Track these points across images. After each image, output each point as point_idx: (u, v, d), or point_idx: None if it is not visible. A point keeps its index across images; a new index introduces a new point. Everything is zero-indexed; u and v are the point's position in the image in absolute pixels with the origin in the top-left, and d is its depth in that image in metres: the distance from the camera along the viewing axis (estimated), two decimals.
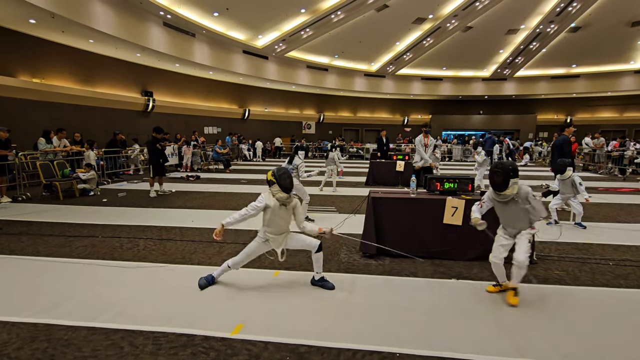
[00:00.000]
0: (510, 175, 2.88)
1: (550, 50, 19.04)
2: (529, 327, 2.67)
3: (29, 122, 10.14)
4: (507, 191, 2.92)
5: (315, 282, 3.37)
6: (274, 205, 3.16)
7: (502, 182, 2.90)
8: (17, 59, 10.94)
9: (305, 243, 3.30)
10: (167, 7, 12.46)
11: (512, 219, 3.04)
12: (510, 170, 2.88)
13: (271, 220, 3.20)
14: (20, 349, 2.36)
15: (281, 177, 3.15)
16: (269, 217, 3.19)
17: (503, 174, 2.89)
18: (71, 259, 4.00)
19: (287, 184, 3.16)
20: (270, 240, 3.24)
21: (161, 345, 2.41)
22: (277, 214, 3.19)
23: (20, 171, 7.88)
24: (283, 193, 3.15)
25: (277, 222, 3.21)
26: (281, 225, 3.24)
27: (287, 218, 3.28)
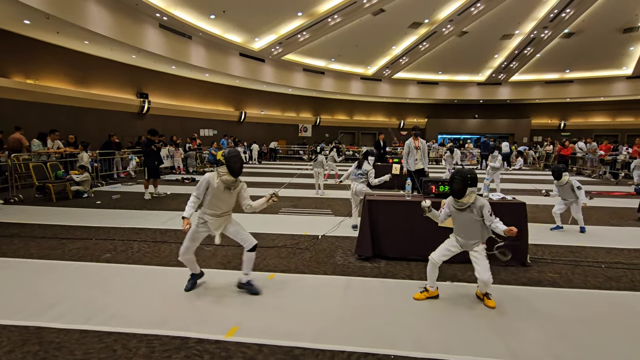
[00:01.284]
0: (467, 183, 2.89)
1: (544, 55, 19.28)
2: (522, 330, 2.69)
3: (22, 124, 10.01)
4: (464, 199, 2.93)
5: (241, 285, 3.22)
6: (217, 186, 3.04)
7: (459, 189, 2.92)
8: (11, 60, 10.84)
9: (242, 238, 3.16)
10: (163, 9, 12.45)
11: (464, 229, 3.02)
12: (468, 178, 2.89)
13: (210, 202, 3.07)
14: (11, 352, 2.33)
15: (231, 160, 3.03)
16: (209, 198, 3.06)
17: (461, 182, 2.91)
18: (64, 262, 3.96)
19: (236, 167, 3.05)
20: (209, 223, 3.10)
21: (154, 348, 2.39)
22: (218, 196, 3.06)
23: (13, 173, 7.79)
24: (230, 176, 3.05)
25: (217, 204, 3.08)
26: (221, 208, 3.10)
27: (229, 201, 3.15)
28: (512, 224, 3.91)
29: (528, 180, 12.10)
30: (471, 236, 2.99)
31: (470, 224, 2.97)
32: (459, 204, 2.97)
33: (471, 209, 2.93)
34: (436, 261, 3.07)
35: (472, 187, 2.91)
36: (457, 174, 2.96)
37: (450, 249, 3.09)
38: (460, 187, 2.91)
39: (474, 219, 2.94)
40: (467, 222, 2.98)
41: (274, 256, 4.23)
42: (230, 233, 3.20)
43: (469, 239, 2.99)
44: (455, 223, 3.10)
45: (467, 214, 2.96)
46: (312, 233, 5.16)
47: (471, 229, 2.98)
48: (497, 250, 2.93)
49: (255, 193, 3.77)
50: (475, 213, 2.93)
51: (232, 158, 3.03)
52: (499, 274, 3.74)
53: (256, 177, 12.17)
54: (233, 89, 20.45)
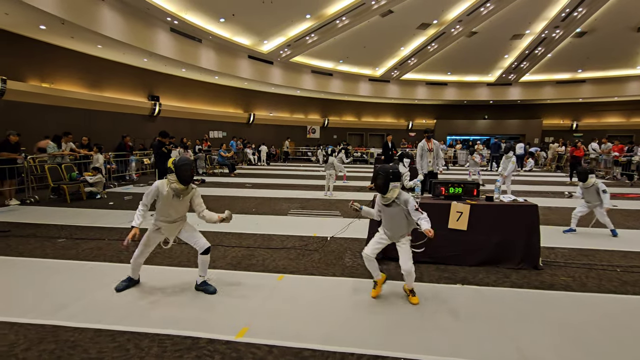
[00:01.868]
0: (389, 178, 3.01)
1: (556, 55, 18.97)
2: (534, 334, 2.66)
3: (38, 126, 10.29)
4: (388, 194, 3.04)
5: (197, 286, 3.26)
6: (167, 194, 3.06)
7: (382, 185, 3.04)
8: (27, 64, 11.14)
9: (195, 241, 3.21)
10: (174, 13, 12.64)
11: (391, 222, 3.13)
12: (390, 174, 3.02)
13: (162, 210, 3.11)
14: (28, 350, 2.39)
15: (181, 168, 3.06)
16: (160, 205, 3.10)
17: (384, 178, 3.02)
18: (78, 261, 4.05)
19: (185, 176, 3.08)
20: (162, 229, 3.16)
21: (166, 348, 2.43)
22: (168, 203, 3.08)
23: (29, 174, 8.00)
24: (179, 184, 3.07)
25: (168, 212, 3.12)
26: (172, 215, 3.14)
27: (180, 208, 3.18)
28: (524, 227, 3.90)
29: (539, 182, 11.93)
30: (397, 229, 3.12)
31: (396, 218, 3.09)
32: (385, 200, 3.09)
33: (397, 204, 3.04)
34: (369, 256, 3.18)
35: (395, 182, 3.03)
36: (380, 170, 3.08)
37: (380, 241, 3.21)
38: (383, 182, 3.03)
39: (399, 213, 3.06)
40: (393, 216, 3.11)
41: (283, 257, 4.25)
42: (184, 238, 3.28)
43: (396, 231, 3.12)
44: (383, 217, 3.21)
45: (392, 208, 3.08)
46: (321, 234, 5.17)
47: (397, 223, 3.10)
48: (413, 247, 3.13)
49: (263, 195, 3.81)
50: (400, 207, 3.04)
51: (182, 167, 3.07)
52: (509, 277, 3.70)
53: (264, 179, 12.24)
54: (242, 91, 20.63)
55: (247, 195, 8.71)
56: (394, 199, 3.04)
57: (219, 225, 5.53)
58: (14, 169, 7.45)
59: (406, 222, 3.08)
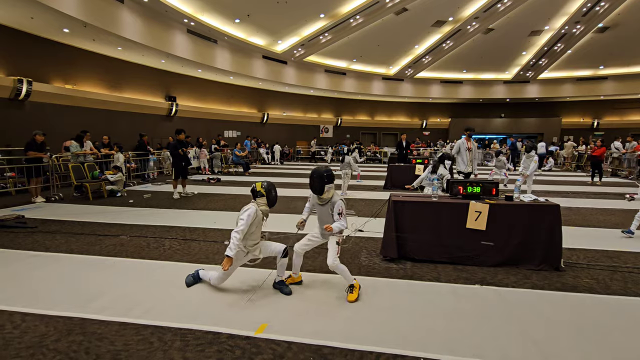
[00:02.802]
0: (324, 181, 3.14)
1: (576, 51, 18.40)
2: (557, 336, 2.60)
3: (61, 126, 10.64)
4: (324, 195, 3.18)
5: (275, 284, 3.38)
6: (258, 217, 3.19)
7: (319, 187, 3.15)
8: (51, 67, 11.53)
9: (272, 250, 3.33)
10: (191, 15, 12.86)
11: (322, 221, 3.25)
12: (324, 176, 3.14)
13: (252, 232, 3.18)
14: (57, 341, 2.49)
15: (271, 192, 3.27)
16: (252, 229, 3.15)
17: (319, 179, 3.14)
18: (102, 257, 4.18)
19: (274, 198, 3.29)
20: (251, 252, 3.24)
21: (188, 342, 2.48)
22: (258, 225, 3.23)
23: (54, 173, 8.29)
24: (267, 207, 3.26)
25: (256, 233, 3.24)
26: (258, 235, 3.28)
27: (261, 228, 3.32)
28: (545, 227, 3.82)
29: (559, 182, 11.61)
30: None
31: (327, 217, 3.22)
32: (321, 200, 3.22)
33: (330, 204, 3.17)
34: (299, 251, 3.39)
35: (329, 184, 3.16)
36: (314, 172, 3.19)
37: (312, 239, 3.36)
38: (319, 184, 3.14)
39: (329, 212, 3.19)
40: (324, 215, 3.24)
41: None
42: (265, 253, 3.36)
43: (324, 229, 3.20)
44: (318, 216, 3.35)
45: (325, 208, 3.22)
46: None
47: (327, 221, 3.20)
48: None
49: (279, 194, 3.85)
50: (329, 208, 3.18)
51: (272, 191, 3.29)
52: (530, 278, 3.64)
53: (278, 178, 12.32)
54: (256, 91, 20.81)
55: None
56: (329, 199, 3.18)
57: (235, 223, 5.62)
58: (39, 167, 7.75)
59: (333, 221, 3.18)
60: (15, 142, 9.38)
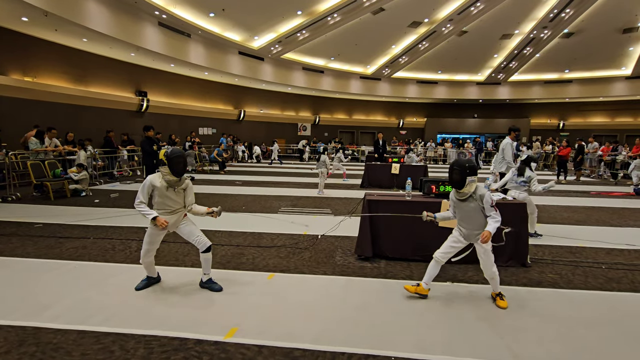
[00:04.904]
0: (466, 172, 2.90)
1: (544, 55, 19.27)
2: (523, 331, 2.68)
3: (20, 122, 9.96)
4: (465, 189, 2.94)
5: (203, 284, 3.24)
6: (161, 186, 3.05)
7: (459, 179, 2.93)
8: (9, 57, 10.77)
9: (196, 239, 3.17)
10: (163, 7, 12.38)
11: (467, 219, 3.01)
12: (466, 167, 2.90)
13: (160, 202, 3.08)
14: (7, 353, 2.31)
15: (173, 160, 3.03)
16: (157, 199, 3.09)
17: (460, 172, 2.91)
18: (61, 261, 3.93)
19: (179, 168, 3.05)
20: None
21: (153, 349, 2.37)
22: (164, 195, 3.07)
23: (10, 171, 7.74)
24: (172, 176, 3.06)
25: (166, 203, 3.10)
26: (171, 206, 3.11)
27: (177, 199, 3.15)
28: (512, 225, 3.92)
29: None
30: (474, 226, 2.97)
31: (473, 214, 2.96)
32: (460, 195, 2.98)
33: (473, 198, 2.93)
34: (440, 260, 3.08)
35: (472, 177, 2.91)
36: (455, 164, 2.97)
37: (454, 245, 3.07)
38: (460, 177, 2.92)
39: (475, 208, 2.93)
40: (469, 212, 2.97)
41: (273, 256, 4.21)
42: (184, 233, 3.21)
43: (473, 229, 2.98)
44: (458, 214, 3.09)
45: (468, 203, 2.96)
46: (311, 233, 5.14)
47: (474, 219, 2.96)
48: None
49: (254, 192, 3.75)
50: (477, 202, 2.92)
51: (175, 159, 3.03)
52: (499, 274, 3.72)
53: (255, 177, 12.14)
54: (232, 87, 20.39)
55: (237, 192, 8.61)
56: (470, 193, 2.92)
57: (208, 223, 5.44)
58: None
59: (482, 218, 2.94)
60: None
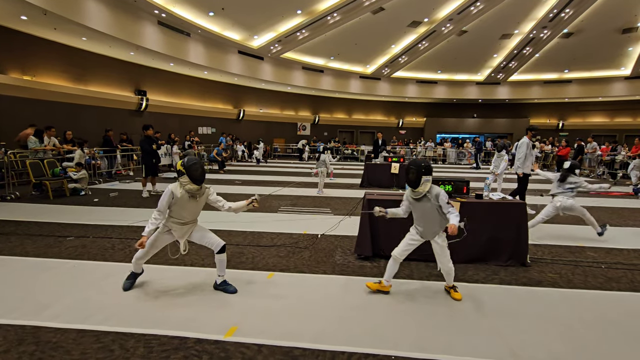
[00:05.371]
0: (422, 172, 2.98)
1: (543, 55, 19.29)
2: (523, 331, 2.68)
3: (19, 120, 9.91)
4: (420, 188, 3.01)
5: (217, 286, 3.21)
6: (181, 197, 3.00)
7: (415, 179, 3.00)
8: (8, 56, 10.73)
9: (208, 241, 3.15)
10: (162, 6, 12.35)
11: (423, 218, 3.08)
12: (422, 167, 2.98)
13: (175, 212, 3.06)
14: (7, 352, 2.30)
15: (191, 168, 2.98)
16: (174, 208, 3.04)
17: (416, 171, 2.99)
18: (61, 260, 3.92)
19: (197, 175, 2.99)
20: (173, 230, 3.10)
21: (152, 349, 2.37)
22: (182, 205, 3.03)
23: (9, 170, 7.72)
24: (193, 185, 3.00)
25: (182, 214, 3.06)
26: (185, 217, 3.09)
27: (195, 210, 3.13)
28: (512, 224, 3.94)
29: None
30: (430, 225, 3.06)
31: (428, 213, 3.03)
32: (416, 194, 3.05)
33: (428, 198, 3.00)
34: (398, 257, 3.14)
35: (427, 176, 2.99)
36: (411, 164, 3.05)
37: (411, 242, 3.15)
38: (415, 176, 2.99)
39: (431, 207, 3.00)
40: (425, 211, 3.05)
41: (273, 255, 4.21)
42: (196, 239, 3.19)
43: (428, 228, 3.07)
44: (414, 213, 3.16)
45: (424, 203, 3.03)
46: (311, 232, 5.14)
47: (429, 218, 3.04)
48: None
49: (254, 191, 3.74)
50: (432, 201, 2.99)
51: (193, 166, 2.98)
52: (498, 274, 3.74)
53: (255, 176, 12.13)
54: (232, 86, 20.36)
55: (236, 192, 8.61)
56: (425, 192, 2.99)
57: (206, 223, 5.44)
58: None
59: (438, 217, 3.01)
60: None
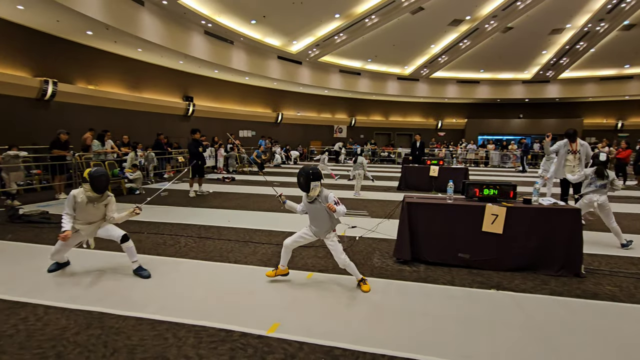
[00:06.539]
0: (310, 178, 3.17)
1: (600, 50, 17.78)
2: (578, 346, 2.52)
3: (84, 126, 10.97)
4: (311, 193, 3.22)
5: (134, 271, 3.57)
6: (81, 201, 3.42)
7: (305, 184, 3.20)
8: (75, 68, 11.94)
9: (111, 234, 3.56)
10: (209, 17, 13.07)
11: (316, 219, 3.30)
12: (310, 174, 3.18)
13: (79, 213, 3.47)
14: (77, 334, 2.56)
15: (96, 179, 3.39)
16: (77, 210, 3.47)
17: (305, 177, 3.18)
18: (119, 253, 4.29)
19: (100, 186, 3.42)
20: (81, 230, 3.50)
21: (202, 339, 2.52)
22: (83, 209, 3.45)
23: (76, 170, 8.57)
24: (93, 192, 3.42)
25: (85, 217, 3.49)
26: (88, 218, 3.51)
27: (96, 213, 3.54)
28: (565, 231, 3.71)
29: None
30: (322, 225, 3.29)
31: (320, 215, 3.26)
32: (309, 198, 3.28)
33: (319, 201, 3.23)
34: (289, 246, 3.42)
35: (315, 182, 3.19)
36: (301, 171, 3.25)
37: (304, 236, 3.41)
38: (305, 182, 3.19)
39: (322, 210, 3.22)
40: (317, 213, 3.28)
41: (311, 256, 4.29)
42: (102, 235, 3.60)
43: (321, 228, 3.30)
44: (309, 214, 3.38)
45: (316, 205, 3.26)
46: (349, 234, 5.17)
47: (322, 219, 3.27)
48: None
49: (290, 193, 3.85)
50: (322, 204, 3.21)
51: (97, 177, 3.40)
52: (548, 284, 3.53)
53: (291, 178, 12.37)
54: (271, 91, 20.97)
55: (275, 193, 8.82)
56: (316, 196, 3.23)
57: (248, 222, 5.67)
58: (63, 165, 8.03)
59: (329, 218, 3.24)
60: (41, 141, 9.76)
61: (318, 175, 3.22)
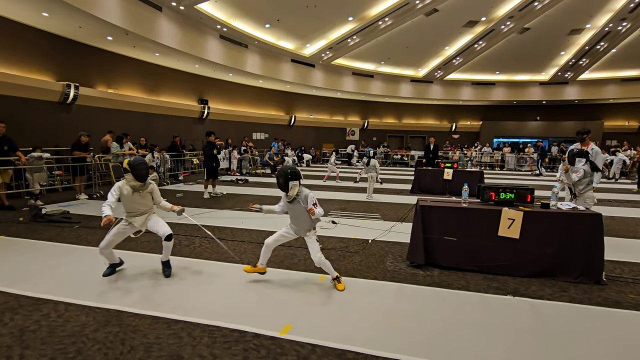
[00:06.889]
0: (289, 178, 3.21)
1: (622, 50, 17.23)
2: (597, 356, 2.44)
3: (103, 128, 11.32)
4: (290, 192, 3.25)
5: (162, 262, 3.69)
6: (127, 192, 3.46)
7: (284, 184, 3.23)
8: (96, 72, 12.33)
9: (158, 229, 3.59)
10: (224, 21, 13.30)
11: (296, 218, 3.34)
12: (288, 173, 3.21)
13: (127, 205, 3.54)
14: (96, 331, 2.64)
15: (135, 168, 3.43)
16: (125, 202, 3.52)
17: (284, 177, 3.22)
18: (137, 252, 4.40)
19: (141, 174, 3.44)
20: (134, 222, 3.56)
21: (216, 339, 2.55)
22: (131, 199, 3.50)
23: (96, 171, 8.83)
24: (136, 182, 3.45)
25: (134, 207, 3.54)
26: (138, 208, 3.56)
27: (144, 202, 3.58)
28: (586, 237, 3.60)
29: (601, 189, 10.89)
30: (302, 224, 3.33)
31: (300, 213, 3.29)
32: (288, 197, 3.30)
33: (298, 201, 3.25)
34: (270, 244, 3.47)
35: (294, 181, 3.22)
36: (280, 171, 3.29)
37: (285, 235, 3.45)
38: (284, 182, 3.23)
39: (301, 209, 3.26)
40: (297, 212, 3.32)
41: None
42: (150, 226, 3.65)
43: (301, 226, 3.34)
44: (289, 213, 3.42)
45: (296, 205, 3.29)
46: (361, 237, 5.15)
47: (301, 218, 3.30)
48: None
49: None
50: (301, 203, 3.24)
51: (137, 166, 3.45)
52: (567, 291, 3.44)
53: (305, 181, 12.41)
54: (284, 93, 21.14)
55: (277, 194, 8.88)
56: (295, 196, 3.26)
57: (262, 224, 5.71)
58: (84, 166, 8.29)
59: (308, 216, 3.26)
60: (63, 143, 10.11)
61: (296, 175, 3.25)
